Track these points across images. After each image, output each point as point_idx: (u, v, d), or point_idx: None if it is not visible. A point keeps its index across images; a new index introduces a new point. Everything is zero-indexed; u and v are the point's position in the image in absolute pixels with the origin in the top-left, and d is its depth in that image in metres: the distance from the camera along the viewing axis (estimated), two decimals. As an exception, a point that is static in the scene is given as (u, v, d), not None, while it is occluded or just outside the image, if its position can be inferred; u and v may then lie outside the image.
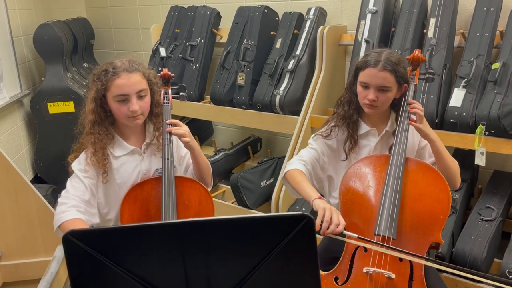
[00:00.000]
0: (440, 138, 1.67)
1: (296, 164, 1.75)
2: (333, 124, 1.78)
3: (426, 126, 1.66)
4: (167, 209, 1.56)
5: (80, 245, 0.91)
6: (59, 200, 1.59)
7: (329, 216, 1.49)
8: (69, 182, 1.62)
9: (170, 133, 1.63)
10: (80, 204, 1.57)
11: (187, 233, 0.94)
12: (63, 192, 1.60)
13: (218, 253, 0.96)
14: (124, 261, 0.94)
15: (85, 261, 0.93)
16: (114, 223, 1.69)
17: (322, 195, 1.93)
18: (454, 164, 1.70)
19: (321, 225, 1.49)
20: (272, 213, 1.66)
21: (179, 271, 0.96)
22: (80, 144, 1.67)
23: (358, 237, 1.52)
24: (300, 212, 0.96)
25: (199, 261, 0.96)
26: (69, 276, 0.94)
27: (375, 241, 1.51)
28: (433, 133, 1.66)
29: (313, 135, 1.84)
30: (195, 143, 1.68)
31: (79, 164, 1.63)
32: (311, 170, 1.76)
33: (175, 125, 1.65)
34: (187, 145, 1.65)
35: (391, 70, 1.61)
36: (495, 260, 2.22)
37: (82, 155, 1.64)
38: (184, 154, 1.78)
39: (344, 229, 1.52)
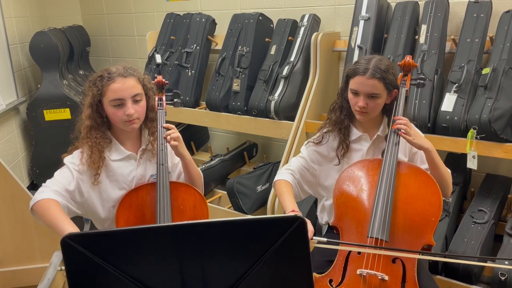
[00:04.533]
0: (432, 142, 1.68)
1: (284, 174, 1.80)
2: (325, 130, 1.82)
3: (418, 138, 1.65)
4: (162, 214, 1.57)
5: (78, 248, 0.93)
6: (42, 184, 1.58)
7: None
8: (57, 171, 1.63)
9: (165, 139, 1.65)
10: (62, 191, 1.56)
11: (182, 236, 0.96)
12: (48, 180, 1.60)
13: (212, 255, 0.98)
14: (122, 263, 0.96)
15: (83, 264, 0.94)
16: (109, 225, 1.70)
17: (316, 199, 1.96)
18: (447, 174, 1.73)
19: None
20: (265, 215, 1.68)
21: (175, 273, 0.98)
22: (76, 147, 1.68)
23: (327, 241, 1.53)
24: (293, 214, 0.98)
25: (195, 263, 0.97)
26: (67, 279, 0.95)
27: (358, 243, 1.54)
28: (427, 143, 1.65)
29: (306, 142, 1.87)
30: (186, 152, 1.70)
31: (72, 158, 1.64)
32: (300, 178, 1.81)
33: (170, 129, 1.67)
34: (177, 152, 1.67)
35: (379, 77, 1.64)
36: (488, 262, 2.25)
37: (77, 153, 1.65)
38: (177, 162, 1.79)
39: (314, 236, 1.54)
